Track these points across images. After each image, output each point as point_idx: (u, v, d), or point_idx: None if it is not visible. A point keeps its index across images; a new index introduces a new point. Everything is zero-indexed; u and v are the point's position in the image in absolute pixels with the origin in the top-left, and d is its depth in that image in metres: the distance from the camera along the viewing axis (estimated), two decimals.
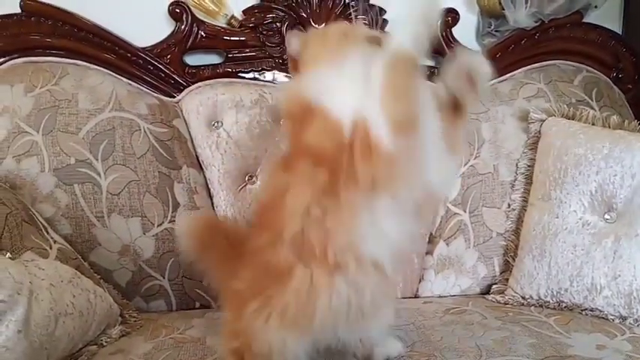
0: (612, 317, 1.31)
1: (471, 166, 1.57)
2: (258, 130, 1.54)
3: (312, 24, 1.64)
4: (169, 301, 1.44)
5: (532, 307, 1.39)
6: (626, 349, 1.15)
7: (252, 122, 1.54)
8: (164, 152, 1.47)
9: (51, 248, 1.21)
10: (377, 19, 1.05)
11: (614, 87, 1.73)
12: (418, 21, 0.90)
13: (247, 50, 1.65)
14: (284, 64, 1.65)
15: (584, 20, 1.77)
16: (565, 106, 1.55)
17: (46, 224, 1.29)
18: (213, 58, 1.67)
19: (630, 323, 1.29)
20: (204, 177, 1.53)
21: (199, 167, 1.53)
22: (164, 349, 1.17)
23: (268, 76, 1.66)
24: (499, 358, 1.10)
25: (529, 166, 1.52)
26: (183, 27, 1.60)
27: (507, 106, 1.62)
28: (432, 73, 1.70)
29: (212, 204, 1.52)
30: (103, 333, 1.22)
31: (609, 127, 1.46)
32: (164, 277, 1.42)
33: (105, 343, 1.20)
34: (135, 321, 1.32)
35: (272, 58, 1.65)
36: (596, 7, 1.78)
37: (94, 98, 1.45)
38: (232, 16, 1.65)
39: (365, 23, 1.06)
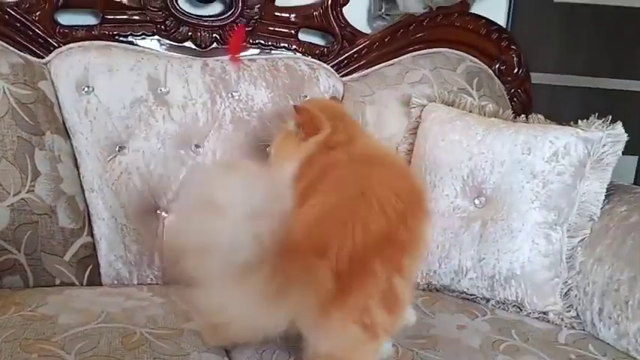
0: (477, 299, 1.36)
1: None
2: (132, 97, 1.45)
3: None
4: (26, 277, 1.33)
5: None
6: (484, 330, 1.19)
7: (127, 89, 1.45)
8: (25, 116, 1.35)
9: None
10: None
11: (495, 78, 1.78)
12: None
13: (127, 13, 1.55)
14: (166, 29, 1.57)
15: (472, 11, 1.81)
16: (446, 92, 1.58)
17: None
18: (89, 19, 1.56)
19: (492, 305, 1.34)
20: (71, 145, 1.43)
21: (66, 134, 1.43)
22: (8, 327, 1.07)
23: (148, 42, 1.57)
24: None
25: (409, 150, 1.54)
26: None
27: (393, 90, 1.63)
28: (321, 53, 1.70)
29: (78, 174, 1.42)
30: None
31: (485, 114, 1.50)
32: (20, 251, 1.31)
33: None
34: None
35: (153, 23, 1.56)
36: None
37: None
38: None
39: None
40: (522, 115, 1.48)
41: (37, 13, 1.49)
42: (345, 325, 0.92)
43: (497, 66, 1.80)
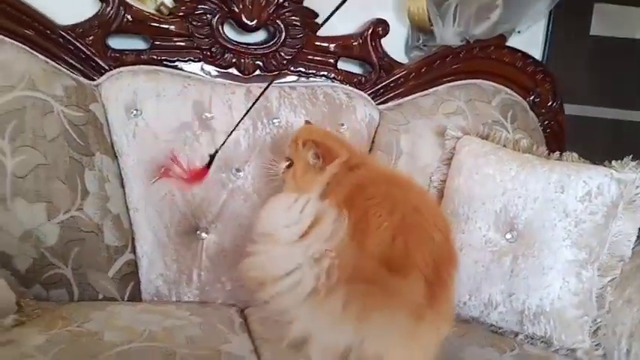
0: (505, 332, 1.38)
1: None
2: (178, 122, 1.51)
3: (244, 19, 1.63)
4: (71, 291, 1.39)
5: None
6: None
7: (173, 114, 1.51)
8: (77, 137, 1.42)
9: None
10: None
11: (530, 111, 1.81)
12: None
13: (175, 39, 1.61)
14: (212, 56, 1.63)
15: (508, 44, 1.84)
16: (481, 125, 1.62)
17: None
18: (139, 44, 1.62)
19: (521, 339, 1.36)
20: (118, 165, 1.49)
21: (114, 155, 1.49)
22: (58, 343, 1.12)
23: (194, 67, 1.63)
24: None
25: (442, 180, 1.57)
26: (109, 9, 1.55)
27: (427, 120, 1.67)
28: (358, 81, 1.74)
29: (124, 194, 1.48)
30: None
31: (519, 150, 1.53)
32: (67, 266, 1.37)
33: None
34: (32, 310, 1.26)
35: (200, 49, 1.62)
36: (519, 32, 1.86)
37: (5, 75, 1.37)
38: (162, 3, 1.60)
39: None
40: (557, 152, 1.50)
41: (90, 37, 1.56)
42: (434, 328, 1.00)
43: (531, 98, 1.83)
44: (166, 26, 1.60)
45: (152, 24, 1.59)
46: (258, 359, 1.21)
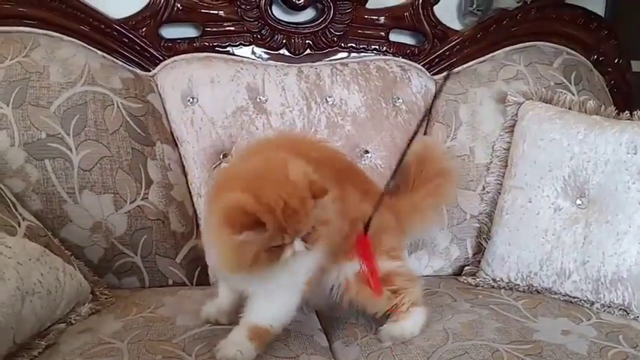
0: (580, 301, 1.33)
1: (448, 148, 1.57)
2: (233, 107, 1.52)
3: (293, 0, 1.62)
4: (142, 278, 1.43)
5: (502, 290, 1.40)
6: (590, 335, 1.16)
7: (228, 99, 1.52)
8: (138, 128, 1.45)
9: (19, 225, 1.19)
10: None
11: (594, 70, 1.72)
12: None
13: (225, 24, 1.61)
14: (262, 39, 1.62)
15: (567, 1, 1.76)
16: (543, 89, 1.55)
17: (15, 200, 1.27)
18: (190, 32, 1.64)
19: (597, 308, 1.31)
20: (179, 154, 1.51)
21: (174, 143, 1.51)
22: (133, 328, 1.16)
23: (246, 51, 1.63)
24: (465, 342, 1.11)
25: (505, 149, 1.52)
26: None
27: (486, 88, 1.62)
28: (412, 53, 1.70)
29: (186, 181, 1.51)
30: (72, 311, 1.21)
31: (586, 112, 1.46)
32: (136, 255, 1.41)
33: (74, 321, 1.19)
34: (106, 298, 1.31)
35: (250, 32, 1.62)
36: None
37: (66, 71, 1.41)
38: None
39: None
40: (626, 112, 1.42)
41: (143, 29, 1.58)
42: None
43: (595, 57, 1.75)
44: (216, 12, 1.61)
45: (202, 11, 1.60)
46: (327, 337, 1.22)
